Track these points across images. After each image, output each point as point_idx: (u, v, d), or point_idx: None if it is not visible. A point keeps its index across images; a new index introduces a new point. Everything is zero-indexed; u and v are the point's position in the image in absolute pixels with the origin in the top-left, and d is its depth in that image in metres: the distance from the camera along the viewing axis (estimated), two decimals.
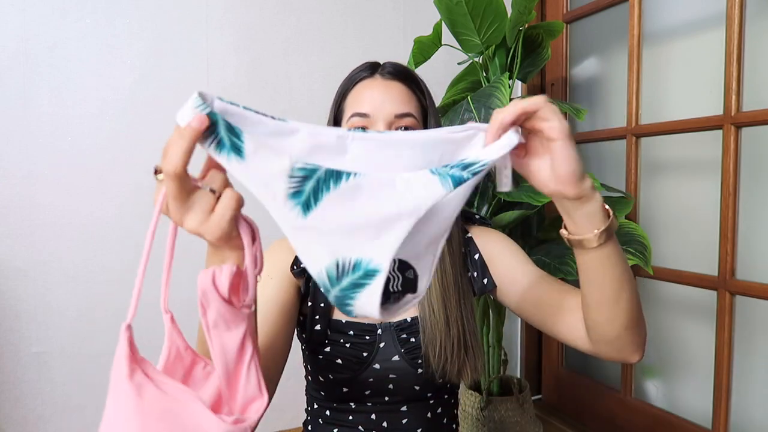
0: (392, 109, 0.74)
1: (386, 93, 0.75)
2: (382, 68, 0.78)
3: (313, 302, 0.78)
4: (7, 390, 1.27)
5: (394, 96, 0.75)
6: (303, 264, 0.48)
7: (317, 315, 0.78)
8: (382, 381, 0.77)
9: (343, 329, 0.77)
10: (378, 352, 0.77)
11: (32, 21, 1.25)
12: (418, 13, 1.59)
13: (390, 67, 0.78)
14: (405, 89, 0.77)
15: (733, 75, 1.12)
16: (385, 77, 0.77)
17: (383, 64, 0.80)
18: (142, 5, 1.34)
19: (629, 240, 1.18)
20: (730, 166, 1.12)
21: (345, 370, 0.76)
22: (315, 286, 0.78)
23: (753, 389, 1.15)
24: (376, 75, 0.78)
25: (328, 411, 0.81)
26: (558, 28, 1.28)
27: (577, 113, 1.17)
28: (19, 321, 1.27)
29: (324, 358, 0.77)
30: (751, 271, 1.13)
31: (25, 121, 1.26)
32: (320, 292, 0.78)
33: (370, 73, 0.78)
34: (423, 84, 0.80)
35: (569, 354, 1.65)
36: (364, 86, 0.77)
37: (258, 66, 1.45)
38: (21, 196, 1.26)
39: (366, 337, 0.77)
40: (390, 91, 0.75)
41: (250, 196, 0.47)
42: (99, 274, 1.33)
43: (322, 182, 0.44)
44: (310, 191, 0.44)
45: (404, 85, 0.77)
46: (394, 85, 0.76)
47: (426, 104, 0.79)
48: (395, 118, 0.74)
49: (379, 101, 0.74)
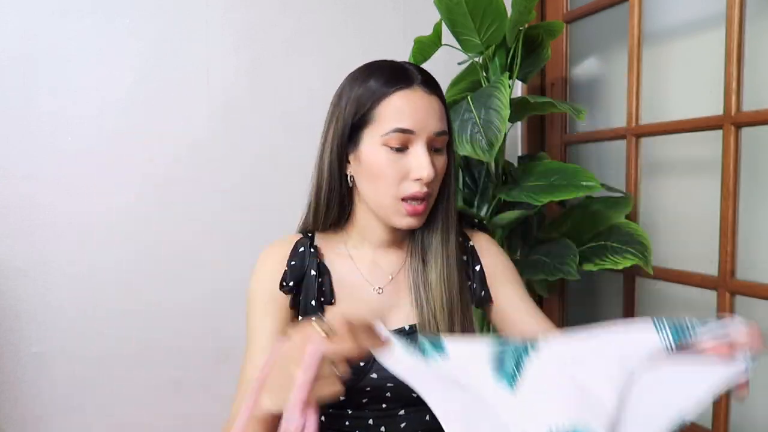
0: (434, 127, 0.73)
1: (429, 109, 0.73)
2: (418, 79, 0.74)
3: (303, 315, 0.78)
4: (7, 390, 1.27)
5: (436, 112, 0.74)
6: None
7: None
8: (380, 389, 0.76)
9: None
10: (376, 361, 0.76)
11: (32, 21, 1.25)
12: (418, 13, 1.59)
13: (426, 78, 0.75)
14: (441, 104, 0.76)
15: (733, 75, 1.12)
16: (428, 90, 0.74)
17: (413, 72, 0.75)
18: (142, 5, 1.34)
19: (629, 240, 1.18)
20: (730, 166, 1.12)
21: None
22: (304, 300, 0.78)
23: (753, 389, 1.15)
24: (416, 86, 0.73)
25: (323, 416, 0.80)
26: (558, 28, 1.28)
27: (577, 113, 1.17)
28: (19, 321, 1.27)
29: None
30: (751, 271, 1.13)
31: (25, 121, 1.26)
32: (309, 305, 0.78)
33: (407, 83, 0.73)
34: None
35: None
36: (405, 98, 0.72)
37: (258, 66, 1.45)
38: (21, 196, 1.26)
39: None
40: (433, 106, 0.74)
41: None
42: (99, 274, 1.33)
43: (522, 353, 0.48)
44: (513, 365, 0.48)
45: (440, 99, 0.76)
46: (434, 100, 0.74)
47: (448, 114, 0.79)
48: (435, 135, 0.73)
49: (423, 117, 0.72)
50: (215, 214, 1.43)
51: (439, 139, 0.74)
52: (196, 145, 1.40)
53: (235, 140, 1.44)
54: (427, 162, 0.72)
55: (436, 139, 0.74)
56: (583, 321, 1.59)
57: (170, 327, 1.40)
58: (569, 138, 1.60)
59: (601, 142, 1.50)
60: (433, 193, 0.76)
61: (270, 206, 1.47)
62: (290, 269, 0.79)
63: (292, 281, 0.78)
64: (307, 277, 0.79)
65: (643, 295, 1.39)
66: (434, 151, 0.75)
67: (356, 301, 0.79)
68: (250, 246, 1.46)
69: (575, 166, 1.20)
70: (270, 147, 1.47)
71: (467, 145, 1.08)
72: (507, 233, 1.37)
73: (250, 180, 1.46)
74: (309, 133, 1.56)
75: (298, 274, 0.79)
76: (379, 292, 0.80)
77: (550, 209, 1.54)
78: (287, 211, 1.49)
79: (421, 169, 0.72)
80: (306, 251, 0.80)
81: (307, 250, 0.80)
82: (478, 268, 0.83)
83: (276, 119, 1.47)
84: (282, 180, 1.48)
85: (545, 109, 1.27)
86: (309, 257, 0.80)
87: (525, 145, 1.71)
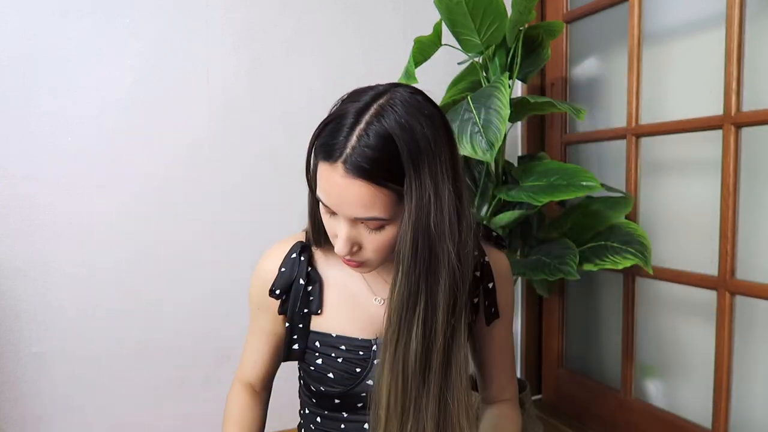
0: (351, 213, 0.63)
1: (343, 194, 0.62)
2: (343, 155, 0.61)
3: (290, 323, 0.77)
4: (7, 390, 1.27)
5: (353, 200, 0.61)
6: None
7: (295, 335, 0.77)
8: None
9: (334, 343, 0.76)
10: (372, 368, 0.75)
11: (32, 21, 1.25)
12: (418, 13, 1.59)
13: (351, 149, 0.60)
14: (371, 189, 0.61)
15: (733, 75, 1.12)
16: (347, 172, 0.60)
17: (343, 141, 0.61)
18: (142, 5, 1.34)
19: (629, 240, 1.18)
20: (730, 166, 1.12)
21: (337, 385, 0.75)
22: (292, 308, 0.77)
23: (753, 389, 1.15)
24: (338, 164, 0.61)
25: (319, 418, 0.80)
26: (558, 28, 1.28)
27: (577, 113, 1.17)
28: (19, 321, 1.27)
29: (315, 370, 0.76)
30: (751, 271, 1.13)
31: (25, 121, 1.26)
32: (297, 314, 0.77)
33: (329, 155, 0.62)
34: (413, 163, 0.61)
35: (569, 354, 1.65)
36: (325, 173, 0.63)
37: (258, 66, 1.45)
38: (21, 196, 1.26)
39: (360, 352, 0.75)
40: (348, 191, 0.61)
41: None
42: (99, 274, 1.33)
43: None
44: None
45: (370, 183, 0.60)
46: (355, 185, 0.60)
47: (416, 190, 0.62)
48: (355, 219, 0.64)
49: (336, 198, 0.63)
50: (215, 214, 1.43)
51: (364, 222, 0.64)
52: (196, 145, 1.40)
53: (235, 140, 1.44)
54: (341, 238, 0.65)
55: (361, 221, 0.64)
56: (583, 321, 1.59)
57: (170, 327, 1.40)
58: (569, 138, 1.60)
59: (601, 142, 1.50)
60: (370, 261, 0.68)
61: (270, 206, 1.48)
62: (279, 276, 0.78)
63: (279, 288, 0.77)
64: (296, 285, 0.77)
65: (643, 295, 1.39)
66: (368, 229, 0.65)
67: (356, 309, 0.78)
68: (250, 246, 1.47)
69: (575, 166, 1.20)
70: (270, 147, 1.47)
71: (467, 145, 1.08)
72: (507, 233, 1.37)
73: (250, 180, 1.46)
74: (309, 133, 1.56)
75: (286, 281, 0.77)
76: (381, 303, 0.78)
77: (550, 209, 1.54)
78: (287, 211, 1.50)
79: (335, 243, 0.66)
80: (296, 258, 0.78)
81: (297, 258, 0.78)
82: (491, 285, 0.80)
83: (276, 119, 1.47)
84: (282, 180, 1.48)
85: (545, 109, 1.27)
86: (299, 265, 0.78)
87: (525, 145, 1.71)
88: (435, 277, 0.65)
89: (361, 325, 0.77)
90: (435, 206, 0.63)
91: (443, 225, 0.64)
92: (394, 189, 0.62)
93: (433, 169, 0.63)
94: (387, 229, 0.65)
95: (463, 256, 0.67)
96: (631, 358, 1.40)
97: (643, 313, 1.39)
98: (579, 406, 1.58)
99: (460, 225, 0.66)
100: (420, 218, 0.62)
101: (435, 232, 0.63)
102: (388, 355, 0.66)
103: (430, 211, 0.63)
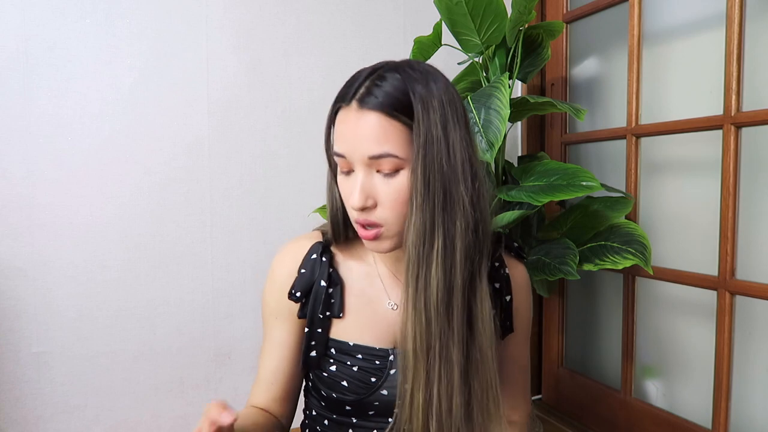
0: (365, 151, 0.63)
1: (357, 130, 0.63)
2: (356, 93, 0.64)
3: (310, 328, 0.75)
4: (7, 390, 1.27)
5: (366, 134, 0.62)
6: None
7: (313, 341, 0.75)
8: (389, 405, 0.74)
9: (350, 351, 0.74)
10: (388, 378, 0.73)
11: (32, 21, 1.25)
12: (418, 13, 1.59)
13: (365, 88, 0.64)
14: (382, 120, 0.62)
15: (733, 75, 1.12)
16: (361, 106, 0.63)
17: (355, 82, 0.65)
18: (142, 5, 1.34)
19: (629, 240, 1.18)
20: (730, 166, 1.12)
21: (350, 393, 0.73)
22: (312, 311, 0.75)
23: (753, 389, 1.15)
24: (352, 102, 0.64)
25: (326, 421, 0.78)
26: (558, 28, 1.28)
27: (577, 113, 1.17)
28: (19, 321, 1.27)
29: (329, 376, 0.74)
30: (751, 271, 1.13)
31: (25, 121, 1.26)
32: (317, 318, 0.75)
33: (344, 99, 0.65)
34: (418, 95, 0.63)
35: (569, 354, 1.65)
36: (341, 118, 0.65)
37: (258, 66, 1.45)
38: (21, 196, 1.26)
39: (376, 362, 0.74)
40: (361, 125, 0.63)
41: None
42: (99, 274, 1.33)
43: None
44: None
45: (382, 114, 0.62)
46: (369, 117, 0.62)
47: (423, 122, 0.63)
48: (369, 160, 0.63)
49: (350, 140, 0.63)
50: (215, 214, 1.43)
51: (379, 162, 0.63)
52: (195, 144, 1.40)
53: (234, 140, 1.44)
54: (356, 188, 0.64)
55: (376, 163, 0.63)
56: (583, 321, 1.59)
57: (170, 327, 1.40)
58: (569, 138, 1.60)
59: (601, 142, 1.50)
60: (385, 221, 0.66)
61: (270, 206, 1.48)
62: (300, 278, 0.75)
63: (299, 291, 0.74)
64: (316, 288, 0.74)
65: (643, 295, 1.39)
66: (383, 174, 0.64)
67: (374, 316, 0.75)
68: (250, 246, 1.47)
69: (575, 166, 1.20)
70: (270, 146, 1.47)
71: None
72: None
73: (250, 180, 1.46)
74: (309, 132, 1.56)
75: (306, 283, 0.74)
76: (393, 308, 0.76)
77: (550, 209, 1.54)
78: (287, 211, 1.50)
79: (350, 196, 0.65)
80: (317, 259, 0.75)
81: (318, 258, 0.75)
82: (509, 299, 0.78)
83: (276, 119, 1.47)
84: (282, 180, 1.48)
85: (545, 109, 1.27)
86: (320, 266, 0.75)
87: (525, 145, 1.71)
88: (450, 216, 0.64)
89: (379, 334, 0.75)
90: (444, 146, 0.63)
91: (455, 167, 0.64)
92: (405, 123, 0.63)
93: (442, 114, 0.64)
94: (401, 176, 0.64)
95: (477, 207, 0.66)
96: (631, 358, 1.40)
97: (643, 313, 1.39)
98: (579, 406, 1.58)
99: (473, 175, 0.66)
100: (430, 154, 0.62)
101: (446, 172, 0.63)
102: (411, 292, 0.65)
103: (441, 150, 0.63)
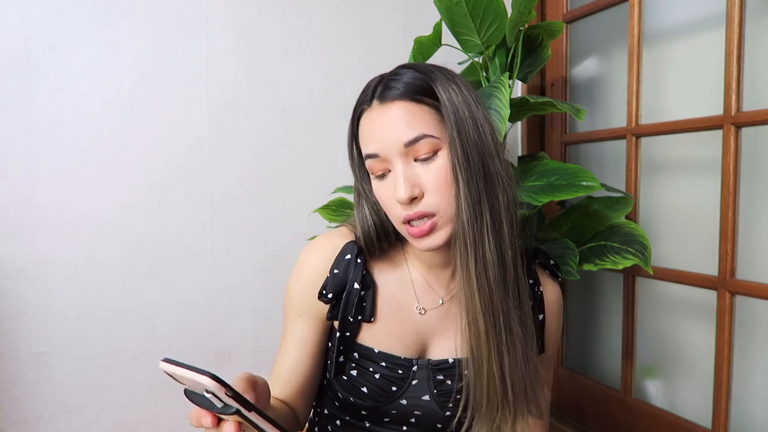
0: (400, 139, 0.63)
1: (385, 123, 0.63)
2: (375, 92, 0.66)
3: (341, 332, 0.73)
4: (7, 390, 1.27)
5: (396, 123, 0.63)
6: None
7: (342, 346, 0.73)
8: (406, 414, 0.73)
9: (374, 358, 0.72)
10: (409, 388, 0.72)
11: (32, 21, 1.25)
12: (418, 13, 1.59)
13: (384, 84, 0.66)
14: (408, 106, 0.64)
15: (733, 75, 1.12)
16: (383, 101, 0.64)
17: (371, 85, 0.67)
18: (142, 5, 1.34)
19: (629, 240, 1.18)
20: (730, 166, 1.12)
21: (368, 399, 0.72)
22: (343, 314, 0.73)
23: (753, 389, 1.15)
24: (373, 102, 0.66)
25: (338, 421, 0.77)
26: (558, 28, 1.28)
27: (577, 113, 1.17)
28: (19, 321, 1.27)
29: (348, 380, 0.73)
30: (751, 271, 1.13)
31: (25, 121, 1.26)
32: (347, 322, 0.73)
33: (365, 102, 0.67)
34: (437, 79, 0.65)
35: (569, 354, 1.65)
36: (366, 120, 0.66)
37: (258, 66, 1.45)
38: (21, 196, 1.26)
39: (399, 371, 0.72)
40: (388, 117, 0.63)
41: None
42: (99, 274, 1.33)
43: None
44: None
45: (406, 101, 0.64)
46: (394, 108, 0.64)
47: (449, 100, 0.64)
48: (406, 147, 0.63)
49: (381, 136, 0.64)
50: (215, 214, 1.43)
51: (416, 147, 0.63)
52: (195, 144, 1.40)
53: (234, 140, 1.44)
54: (399, 181, 0.63)
55: (413, 150, 0.63)
56: (583, 321, 1.59)
57: (170, 327, 1.40)
58: (569, 138, 1.60)
59: (601, 142, 1.50)
60: (437, 209, 0.65)
61: (270, 206, 1.48)
62: (332, 278, 0.72)
63: (331, 292, 0.72)
64: (349, 290, 0.72)
65: (643, 295, 1.39)
66: (421, 161, 0.64)
67: (402, 323, 0.74)
68: (250, 246, 1.47)
69: (575, 166, 1.20)
70: (270, 146, 1.47)
71: None
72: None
73: (250, 179, 1.46)
74: (309, 132, 1.56)
75: (339, 284, 0.72)
76: (421, 313, 0.74)
77: (550, 209, 1.54)
78: (287, 211, 1.50)
79: (396, 192, 0.64)
80: (352, 260, 0.72)
81: (353, 259, 0.72)
82: (541, 317, 0.77)
83: (276, 119, 1.47)
84: (282, 180, 1.48)
85: (545, 109, 1.27)
86: (354, 267, 0.72)
87: (525, 145, 1.71)
88: (493, 190, 0.65)
89: (406, 342, 0.73)
90: (473, 124, 0.64)
91: (488, 143, 0.65)
92: (432, 105, 0.64)
93: (464, 94, 0.66)
94: (440, 157, 0.64)
95: (511, 183, 0.67)
96: (631, 358, 1.40)
97: (643, 313, 1.39)
98: (578, 406, 1.58)
99: (499, 154, 0.67)
100: (464, 130, 0.63)
101: (481, 147, 0.64)
102: (470, 262, 0.64)
103: (472, 127, 0.64)
